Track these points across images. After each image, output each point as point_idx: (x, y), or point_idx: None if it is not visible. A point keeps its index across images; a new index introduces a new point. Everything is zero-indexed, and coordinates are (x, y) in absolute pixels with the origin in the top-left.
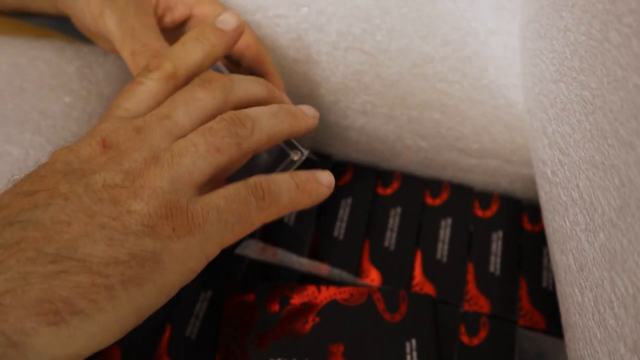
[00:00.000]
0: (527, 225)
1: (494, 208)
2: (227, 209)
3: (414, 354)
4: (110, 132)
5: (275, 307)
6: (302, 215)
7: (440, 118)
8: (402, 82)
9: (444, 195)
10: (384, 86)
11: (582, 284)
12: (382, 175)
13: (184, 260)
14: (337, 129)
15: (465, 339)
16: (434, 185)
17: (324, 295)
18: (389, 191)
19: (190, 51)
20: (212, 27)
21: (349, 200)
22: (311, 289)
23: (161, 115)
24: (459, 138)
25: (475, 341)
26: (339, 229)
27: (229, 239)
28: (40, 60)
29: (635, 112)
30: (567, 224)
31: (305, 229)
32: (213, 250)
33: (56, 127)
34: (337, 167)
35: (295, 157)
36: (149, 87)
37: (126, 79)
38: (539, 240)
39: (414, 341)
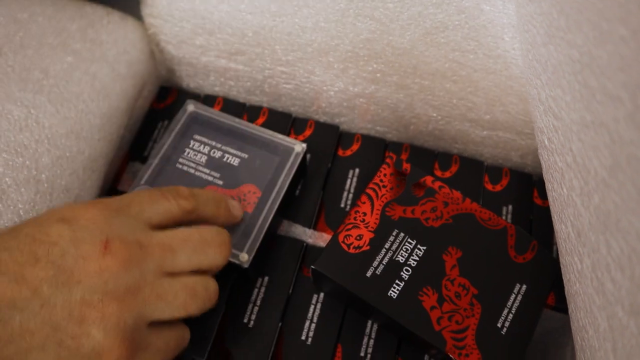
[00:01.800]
0: (538, 200)
1: (504, 182)
2: (163, 350)
3: (519, 297)
4: (116, 237)
5: (420, 192)
6: (308, 186)
7: (452, 88)
8: (414, 51)
9: (453, 169)
10: (395, 55)
11: (581, 251)
12: (391, 147)
13: None
14: (346, 95)
15: None
16: (444, 158)
17: (467, 205)
18: None
19: (209, 205)
20: (227, 206)
21: (356, 172)
22: (457, 195)
23: (167, 247)
24: (471, 109)
25: None
26: (346, 200)
27: None
28: (42, 16)
29: (622, 64)
30: (564, 190)
31: (311, 201)
32: None
33: (58, 87)
34: (345, 137)
35: (299, 150)
36: (171, 208)
37: (132, 42)
38: (550, 215)
39: (524, 287)
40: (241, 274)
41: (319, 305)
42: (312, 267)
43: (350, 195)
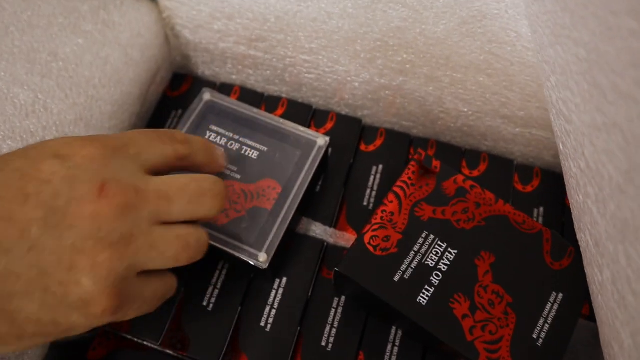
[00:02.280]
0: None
1: (535, 183)
2: (150, 300)
3: (555, 306)
4: (113, 180)
5: (451, 191)
6: (329, 183)
7: (486, 81)
8: (447, 42)
9: (482, 167)
10: (428, 45)
11: (600, 262)
12: (416, 142)
13: (92, 326)
14: (372, 87)
15: None
16: (471, 155)
17: (500, 207)
18: None
19: (202, 152)
20: (215, 155)
21: (380, 168)
22: (489, 195)
23: (163, 195)
24: (505, 104)
25: None
26: (369, 198)
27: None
28: None
29: (633, 59)
30: (580, 197)
31: (332, 198)
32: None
33: (68, 70)
34: (368, 132)
35: (322, 143)
36: (168, 152)
37: (146, 26)
38: None
39: (560, 295)
40: (258, 275)
41: (340, 310)
42: (336, 269)
43: (374, 193)
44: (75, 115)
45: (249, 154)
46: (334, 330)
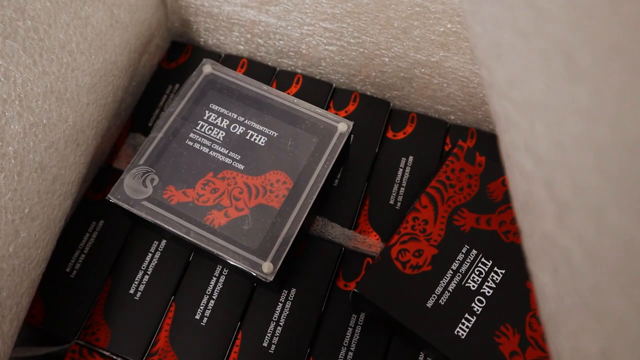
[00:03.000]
0: None
1: None
2: None
3: None
4: None
5: (499, 196)
6: (349, 176)
7: None
8: None
9: None
10: None
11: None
12: (453, 130)
13: None
14: (405, 63)
15: None
16: None
17: None
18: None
19: None
20: None
21: (410, 160)
22: None
23: None
24: None
25: None
26: (397, 196)
27: None
28: None
29: (515, 79)
30: None
31: (352, 194)
32: None
33: (38, 31)
34: (397, 116)
35: (344, 129)
36: None
37: None
38: None
39: None
40: (262, 286)
41: (358, 329)
42: (354, 290)
43: (402, 190)
44: (45, 87)
45: (255, 139)
46: (350, 353)
